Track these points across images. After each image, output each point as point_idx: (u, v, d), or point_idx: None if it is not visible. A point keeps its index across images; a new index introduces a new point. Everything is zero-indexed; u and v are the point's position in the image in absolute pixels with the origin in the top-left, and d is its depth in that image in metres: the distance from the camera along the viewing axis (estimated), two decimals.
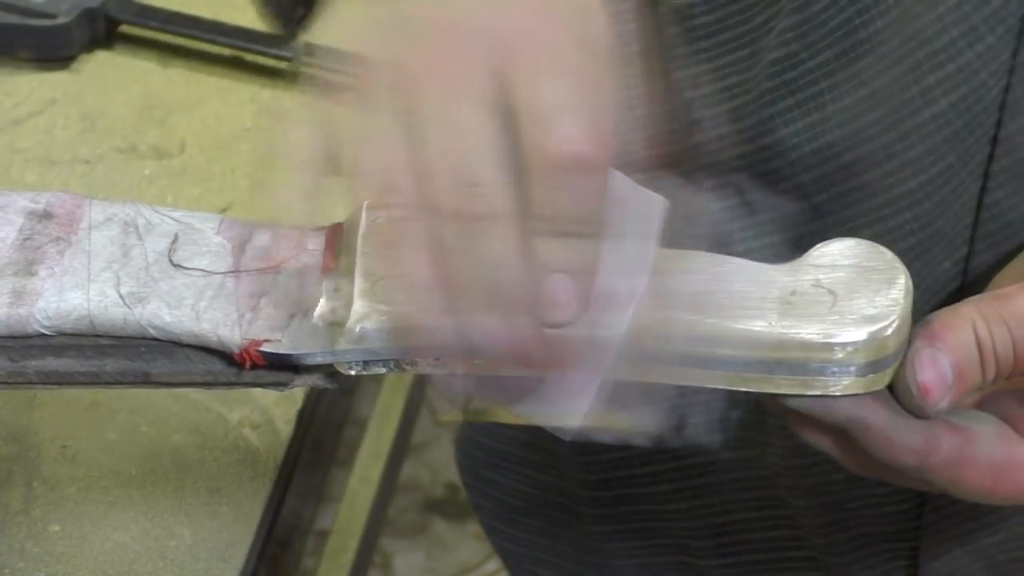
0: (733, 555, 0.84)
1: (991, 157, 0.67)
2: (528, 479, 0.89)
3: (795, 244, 0.71)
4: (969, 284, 0.69)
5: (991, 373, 0.57)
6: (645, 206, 0.56)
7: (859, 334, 0.55)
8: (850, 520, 0.79)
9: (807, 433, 0.59)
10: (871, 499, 0.77)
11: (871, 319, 0.56)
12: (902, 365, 0.57)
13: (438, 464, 2.04)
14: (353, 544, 1.71)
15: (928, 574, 0.78)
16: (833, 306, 0.56)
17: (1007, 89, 0.65)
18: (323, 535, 1.76)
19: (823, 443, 0.60)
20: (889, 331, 0.55)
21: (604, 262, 0.53)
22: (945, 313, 0.57)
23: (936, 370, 0.56)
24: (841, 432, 0.58)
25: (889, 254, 0.58)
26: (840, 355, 0.55)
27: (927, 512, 0.76)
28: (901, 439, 0.57)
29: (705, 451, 0.80)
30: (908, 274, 0.57)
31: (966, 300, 0.58)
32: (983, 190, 0.67)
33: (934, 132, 0.66)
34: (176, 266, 0.58)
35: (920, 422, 0.57)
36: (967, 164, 0.67)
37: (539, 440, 0.87)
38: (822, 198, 0.70)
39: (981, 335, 0.57)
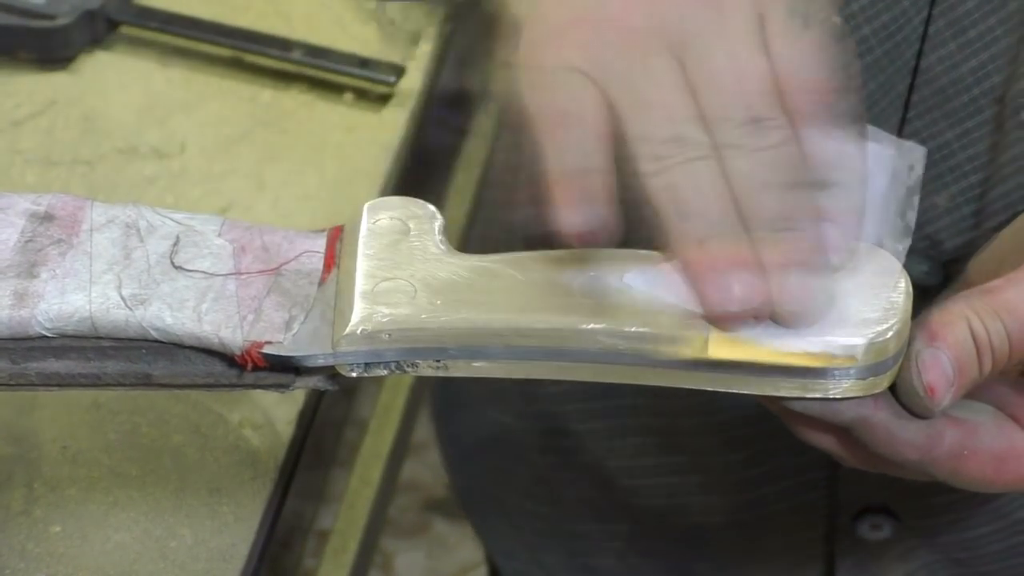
0: (652, 497, 0.85)
1: (911, 87, 0.68)
2: (483, 417, 0.90)
3: None
4: None
5: (988, 367, 0.57)
6: (905, 156, 0.57)
7: (859, 338, 0.55)
8: (764, 452, 0.80)
9: (807, 433, 0.60)
10: (786, 430, 0.79)
11: (871, 322, 0.56)
12: (904, 367, 0.57)
13: (439, 464, 2.03)
14: (354, 544, 1.70)
15: (845, 501, 0.79)
16: (833, 309, 0.56)
17: (928, 20, 0.66)
18: (324, 535, 1.76)
19: (824, 441, 0.60)
20: (889, 334, 0.56)
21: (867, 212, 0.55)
22: (940, 311, 0.57)
23: (939, 369, 0.56)
24: (844, 431, 0.58)
25: (889, 256, 0.58)
26: (840, 359, 0.55)
27: None
28: (904, 436, 0.57)
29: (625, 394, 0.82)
30: (907, 276, 0.57)
31: (957, 296, 0.58)
32: (903, 120, 0.68)
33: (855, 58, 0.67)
34: (178, 268, 0.58)
35: (923, 421, 0.57)
36: (888, 93, 0.69)
37: (511, 423, 0.88)
38: None
39: (976, 330, 0.57)
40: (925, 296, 0.61)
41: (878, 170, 0.57)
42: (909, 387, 0.57)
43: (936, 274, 0.72)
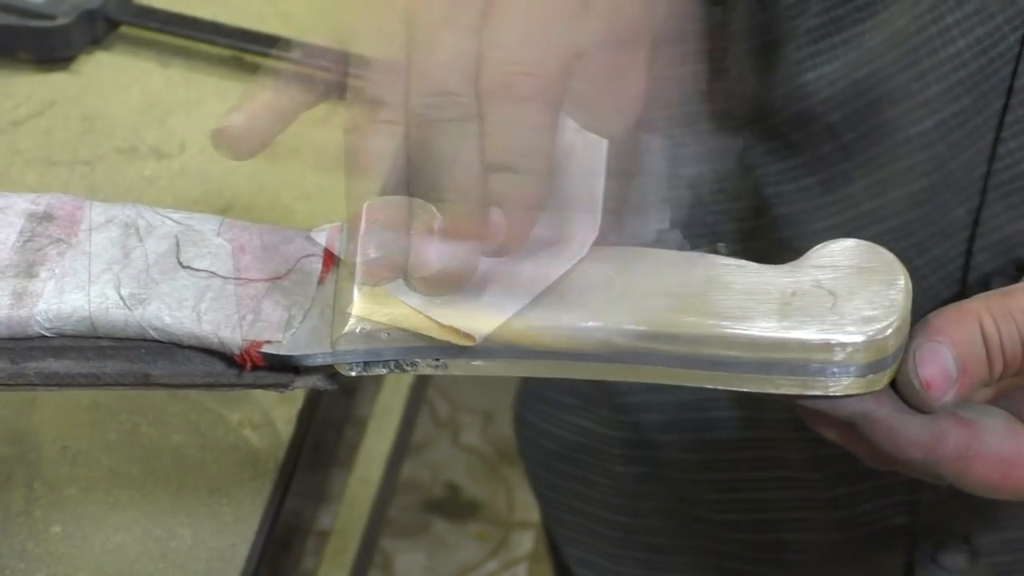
0: (736, 512, 0.85)
1: (1007, 107, 0.68)
2: (567, 424, 0.90)
3: (825, 186, 0.72)
4: (980, 234, 0.70)
5: (998, 368, 0.57)
6: (591, 149, 0.57)
7: (859, 335, 0.55)
8: (850, 473, 0.80)
9: (818, 426, 0.60)
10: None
11: (871, 320, 0.56)
12: (903, 361, 0.57)
13: (438, 464, 2.04)
14: (354, 544, 1.70)
15: (926, 529, 0.79)
16: (833, 307, 0.56)
17: None
18: (324, 535, 1.76)
19: (833, 435, 0.60)
20: (888, 331, 0.56)
21: (554, 200, 0.56)
22: (950, 309, 0.57)
23: (938, 364, 0.56)
24: (849, 426, 0.58)
25: (888, 254, 0.58)
26: (840, 356, 0.55)
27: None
28: (907, 433, 0.57)
29: (714, 407, 0.82)
30: (907, 274, 0.57)
31: (972, 297, 0.58)
32: (997, 140, 0.68)
33: (950, 72, 0.68)
34: (185, 267, 0.58)
35: (927, 416, 0.57)
36: (982, 111, 0.68)
37: (578, 383, 0.88)
38: (850, 137, 0.72)
39: (988, 330, 0.57)
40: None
41: (567, 161, 0.58)
42: (906, 381, 0.57)
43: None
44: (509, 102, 0.55)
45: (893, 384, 0.57)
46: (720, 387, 0.56)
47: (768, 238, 0.77)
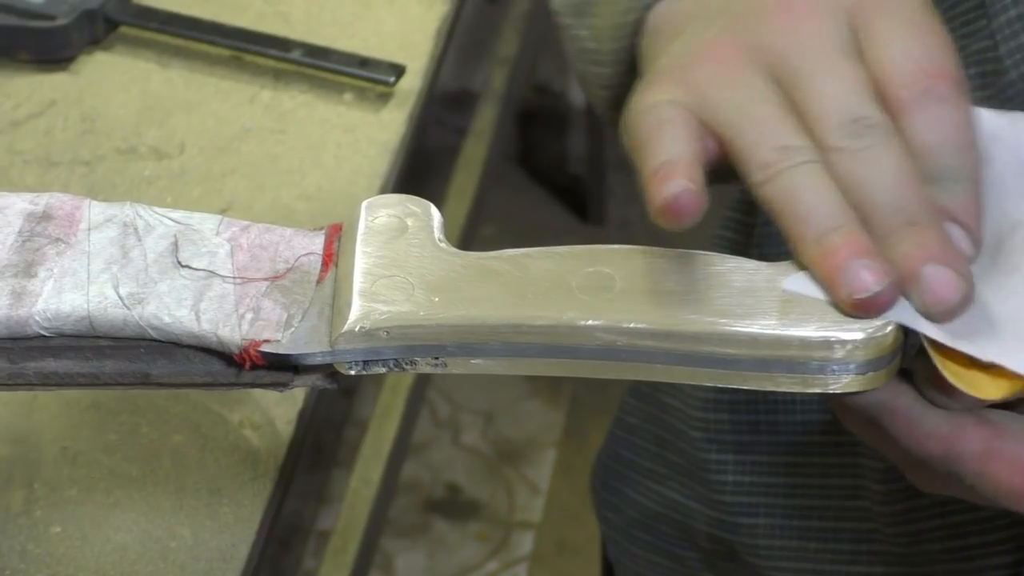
0: None
1: None
2: (653, 493, 0.88)
3: None
4: None
5: None
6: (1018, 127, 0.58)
7: (858, 332, 0.55)
8: (944, 553, 0.78)
9: (846, 419, 0.59)
10: (978, 550, 0.76)
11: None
12: (922, 352, 0.56)
13: (439, 464, 2.04)
14: (354, 544, 1.70)
15: None
16: (833, 305, 0.56)
17: None
18: (324, 535, 1.76)
19: (858, 429, 0.59)
20: (888, 329, 0.55)
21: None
22: None
23: None
24: (873, 421, 0.58)
25: None
26: (840, 353, 0.55)
27: None
28: (926, 425, 0.56)
29: (805, 494, 0.80)
30: None
31: None
32: None
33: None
34: (183, 266, 0.58)
35: (947, 412, 0.56)
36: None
37: (667, 452, 0.86)
38: None
39: None
40: None
41: (996, 147, 0.57)
42: (923, 375, 0.56)
43: None
44: (930, 107, 0.55)
45: (912, 377, 0.57)
46: (720, 385, 0.56)
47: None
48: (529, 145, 2.45)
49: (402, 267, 0.57)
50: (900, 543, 0.78)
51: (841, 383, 0.56)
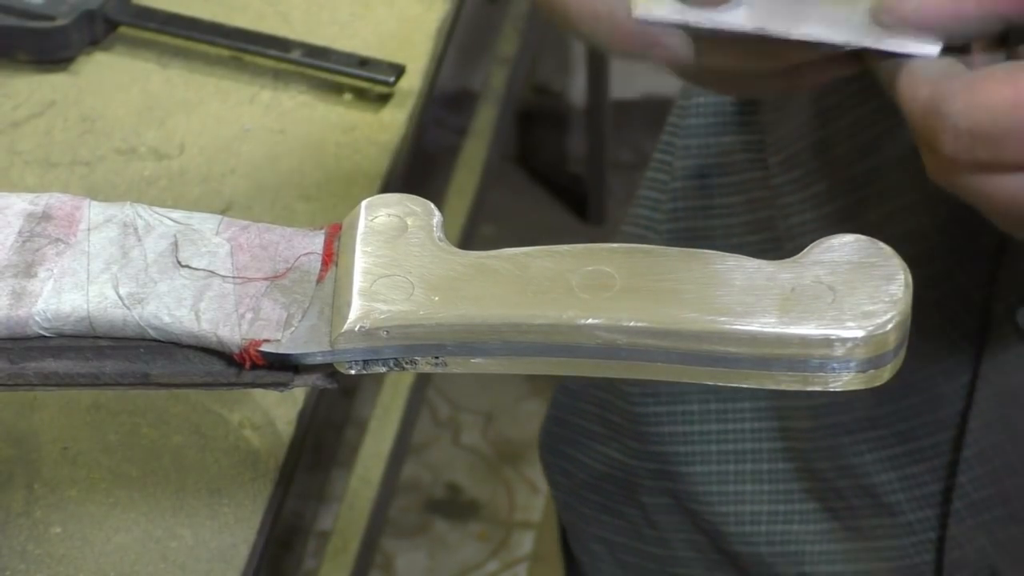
0: (759, 545, 0.85)
1: None
2: (597, 453, 0.90)
3: (839, 215, 0.72)
4: (1005, 263, 0.69)
5: None
6: None
7: (859, 330, 0.55)
8: (875, 508, 0.79)
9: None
10: (900, 483, 0.78)
11: (870, 315, 0.56)
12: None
13: (439, 464, 2.04)
14: (354, 544, 1.70)
15: (953, 563, 0.78)
16: (833, 302, 0.56)
17: None
18: (324, 536, 1.76)
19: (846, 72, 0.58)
20: (889, 326, 0.55)
21: None
22: None
23: None
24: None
25: (888, 250, 0.58)
26: (840, 351, 0.55)
27: (955, 499, 0.76)
28: (913, 67, 0.54)
29: (738, 439, 0.82)
30: (907, 270, 0.57)
31: None
32: None
33: None
34: (183, 266, 0.58)
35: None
36: None
37: (608, 413, 0.88)
38: (862, 167, 0.72)
39: None
40: None
41: None
42: None
43: None
44: None
45: None
46: (720, 383, 0.56)
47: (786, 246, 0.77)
48: (529, 145, 2.45)
49: (402, 266, 0.57)
50: (830, 477, 0.79)
51: (842, 381, 0.56)
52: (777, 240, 0.78)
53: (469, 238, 1.84)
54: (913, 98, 0.54)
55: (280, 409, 0.76)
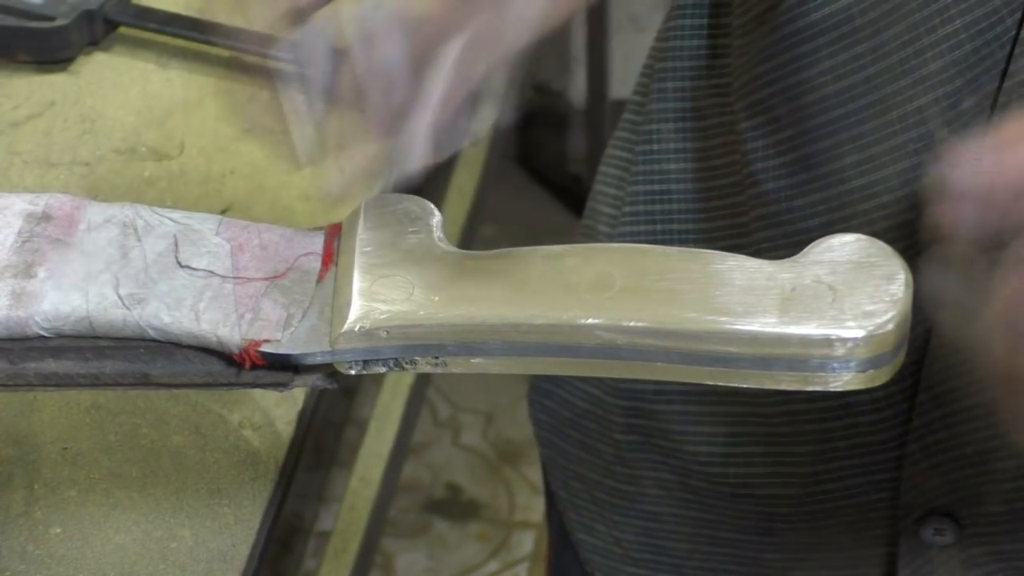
0: (726, 485, 0.86)
1: (1000, 90, 0.68)
2: (577, 390, 0.91)
3: (811, 160, 0.72)
4: None
5: None
6: None
7: (859, 330, 0.55)
8: (833, 450, 0.80)
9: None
10: (854, 429, 0.79)
11: (871, 314, 0.56)
12: None
13: (439, 464, 2.04)
14: (354, 545, 1.70)
15: (908, 503, 0.79)
16: (833, 302, 0.56)
17: (1020, 24, 0.66)
18: (324, 536, 1.76)
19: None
20: (889, 326, 0.56)
21: None
22: None
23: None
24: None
25: (889, 249, 0.58)
26: (840, 351, 0.55)
27: (910, 441, 0.77)
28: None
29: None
30: (908, 269, 0.57)
31: None
32: (988, 122, 0.68)
33: (946, 51, 0.68)
34: (183, 266, 0.58)
35: None
36: (975, 92, 0.69)
37: (605, 399, 0.89)
38: (840, 112, 0.72)
39: None
40: None
41: None
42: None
43: None
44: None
45: None
46: (721, 383, 0.56)
47: (751, 214, 0.78)
48: (529, 145, 2.45)
49: (401, 266, 0.57)
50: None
51: (842, 380, 0.56)
52: (738, 185, 0.79)
53: (469, 238, 1.84)
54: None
55: (280, 409, 0.76)
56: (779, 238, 0.75)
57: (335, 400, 1.79)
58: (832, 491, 0.83)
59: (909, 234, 0.65)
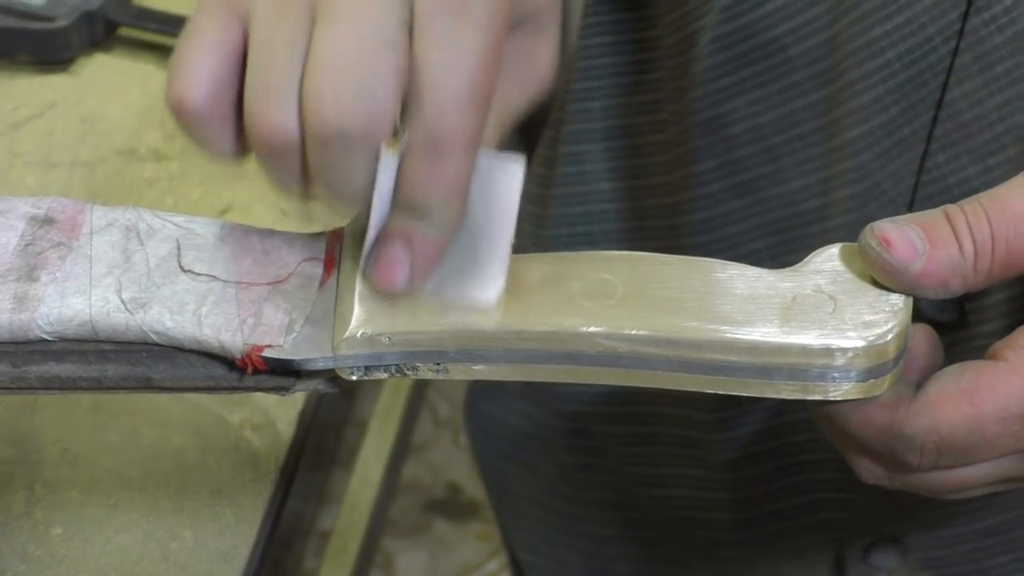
0: (670, 508, 0.86)
1: (935, 120, 0.68)
2: (515, 411, 0.91)
3: (749, 186, 0.72)
4: None
5: (968, 247, 0.56)
6: (502, 175, 0.57)
7: (859, 340, 0.55)
8: (781, 469, 0.80)
9: (816, 418, 0.60)
10: (800, 452, 0.79)
11: (871, 324, 0.56)
12: (861, 237, 0.56)
13: (439, 464, 2.04)
14: (355, 545, 1.71)
15: (856, 530, 0.80)
16: (833, 312, 0.56)
17: (955, 52, 0.66)
18: (325, 536, 1.76)
19: (824, 425, 0.59)
20: (889, 336, 0.56)
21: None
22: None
23: (897, 228, 0.56)
24: (823, 414, 0.58)
25: None
26: (840, 360, 0.55)
27: None
28: (868, 404, 0.57)
29: (648, 401, 0.82)
30: None
31: None
32: (926, 153, 0.68)
33: (879, 82, 0.68)
34: (186, 271, 0.58)
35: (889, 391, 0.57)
36: (911, 122, 0.68)
37: (544, 419, 0.89)
38: (779, 139, 0.71)
39: (950, 211, 0.56)
40: (942, 334, 0.60)
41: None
42: (866, 248, 0.56)
43: (952, 311, 0.71)
44: (433, 162, 0.53)
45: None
46: (721, 391, 0.56)
47: (684, 240, 0.77)
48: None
49: None
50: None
51: (842, 390, 0.56)
52: (673, 208, 0.78)
53: None
54: (869, 425, 0.57)
55: (280, 410, 0.76)
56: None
57: (335, 401, 1.79)
58: (781, 511, 0.83)
59: None
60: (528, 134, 0.68)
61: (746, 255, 0.75)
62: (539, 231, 0.84)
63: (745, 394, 0.56)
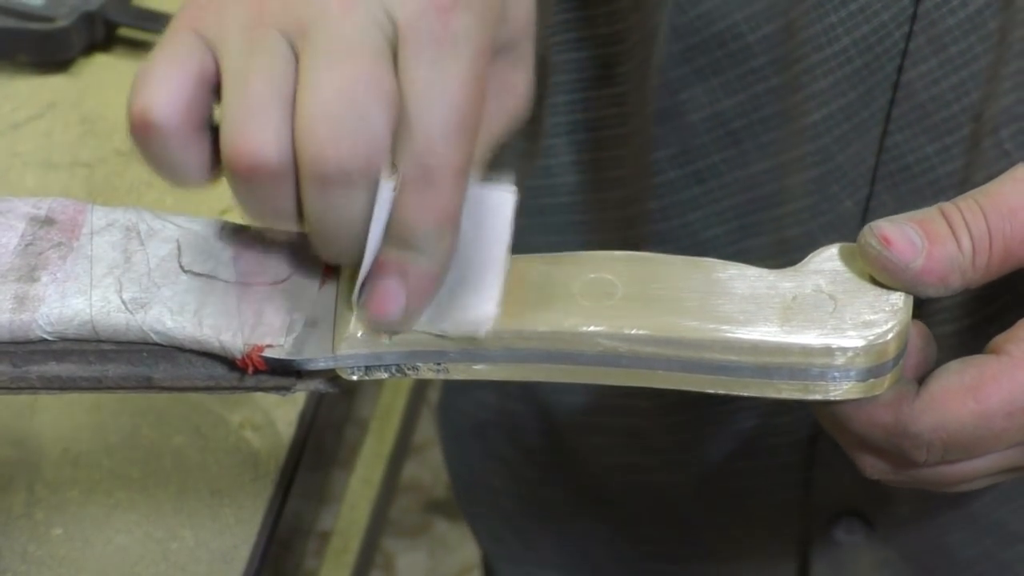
0: (635, 494, 0.87)
1: (892, 101, 0.69)
2: (481, 402, 0.92)
3: (710, 172, 0.73)
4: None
5: (966, 243, 0.56)
6: (494, 204, 0.56)
7: (859, 339, 0.55)
8: (743, 451, 0.81)
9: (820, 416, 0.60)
10: (765, 429, 0.80)
11: (871, 324, 0.56)
12: (860, 235, 0.56)
13: (439, 464, 2.04)
14: (355, 545, 1.71)
15: (819, 503, 0.80)
16: (834, 311, 0.56)
17: (909, 36, 0.67)
18: (325, 536, 1.76)
19: (827, 422, 0.60)
20: (889, 336, 0.56)
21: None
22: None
23: (895, 227, 0.56)
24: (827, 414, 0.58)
25: None
26: (840, 360, 0.55)
27: (820, 441, 0.79)
28: (871, 402, 0.57)
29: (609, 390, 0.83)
30: None
31: None
32: (884, 133, 0.69)
33: (836, 68, 0.69)
34: (186, 271, 0.58)
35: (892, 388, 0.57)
36: (868, 105, 0.69)
37: (508, 406, 0.89)
38: (740, 123, 0.71)
39: (946, 209, 0.57)
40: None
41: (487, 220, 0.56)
42: (866, 247, 0.56)
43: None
44: (424, 190, 0.52)
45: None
46: (721, 391, 0.56)
47: (644, 228, 0.78)
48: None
49: None
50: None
51: (842, 389, 0.56)
52: (631, 198, 0.78)
53: None
54: (873, 424, 0.57)
55: (281, 410, 0.77)
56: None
57: (336, 401, 1.79)
58: (746, 488, 0.83)
59: (813, 242, 0.65)
60: None
61: (705, 242, 0.75)
62: None
63: (745, 394, 0.56)
